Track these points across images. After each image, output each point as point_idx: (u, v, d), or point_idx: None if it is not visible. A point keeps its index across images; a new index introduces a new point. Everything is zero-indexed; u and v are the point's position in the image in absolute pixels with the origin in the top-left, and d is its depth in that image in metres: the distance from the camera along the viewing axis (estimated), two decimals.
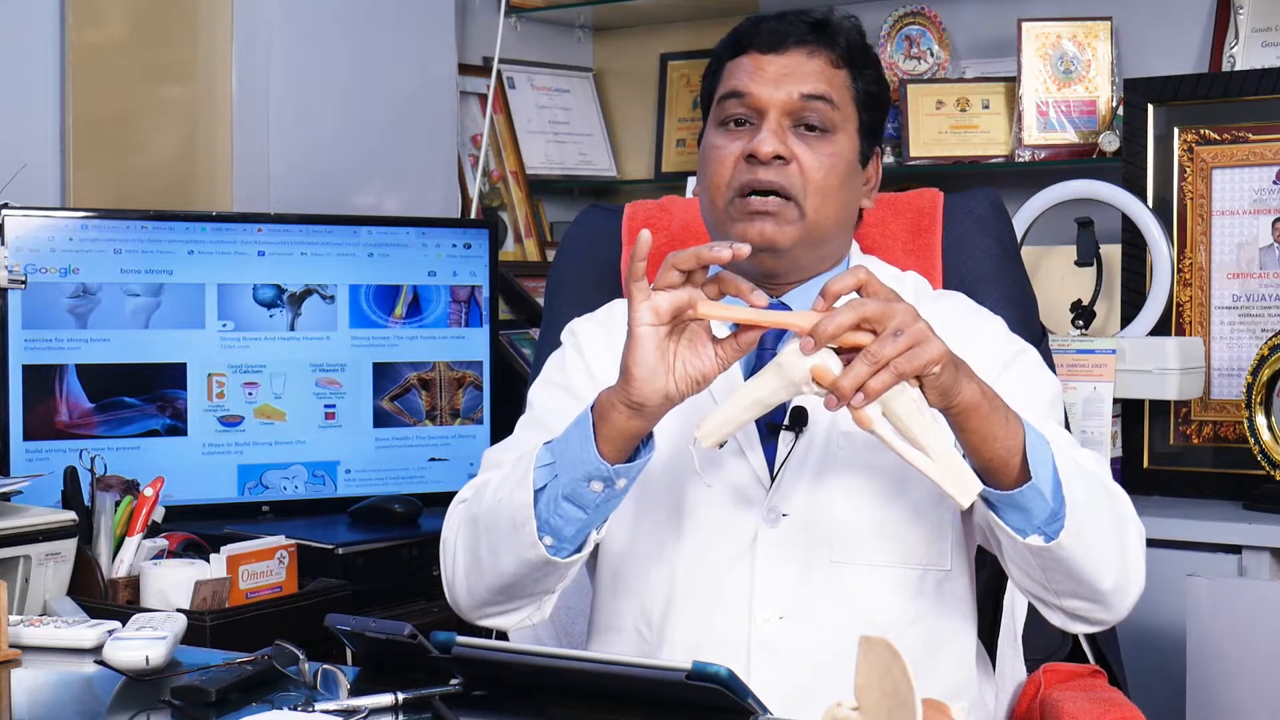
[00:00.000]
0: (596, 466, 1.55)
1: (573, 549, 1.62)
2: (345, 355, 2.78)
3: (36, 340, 2.54)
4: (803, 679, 1.64)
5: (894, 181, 3.17)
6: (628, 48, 3.80)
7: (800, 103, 1.70)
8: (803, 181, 1.69)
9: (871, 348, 1.45)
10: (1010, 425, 1.53)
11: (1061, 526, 1.53)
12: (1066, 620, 1.66)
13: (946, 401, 1.50)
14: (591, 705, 1.41)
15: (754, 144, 1.68)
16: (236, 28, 2.87)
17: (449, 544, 1.73)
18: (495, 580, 1.67)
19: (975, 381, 1.51)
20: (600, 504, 1.58)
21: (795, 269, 1.74)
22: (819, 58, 1.72)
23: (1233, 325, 2.90)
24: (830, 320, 1.46)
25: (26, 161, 2.56)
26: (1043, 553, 1.56)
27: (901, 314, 1.47)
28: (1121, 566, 1.61)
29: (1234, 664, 2.49)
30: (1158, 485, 2.92)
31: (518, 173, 3.55)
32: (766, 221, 1.68)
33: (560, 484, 1.58)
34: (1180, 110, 2.94)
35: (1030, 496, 1.53)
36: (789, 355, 1.48)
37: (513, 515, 1.61)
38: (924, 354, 1.46)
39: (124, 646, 1.56)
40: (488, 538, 1.65)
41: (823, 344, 1.46)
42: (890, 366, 1.45)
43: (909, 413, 1.47)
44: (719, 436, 1.52)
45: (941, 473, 1.48)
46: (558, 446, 1.60)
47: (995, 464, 1.53)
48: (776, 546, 1.68)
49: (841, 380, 1.45)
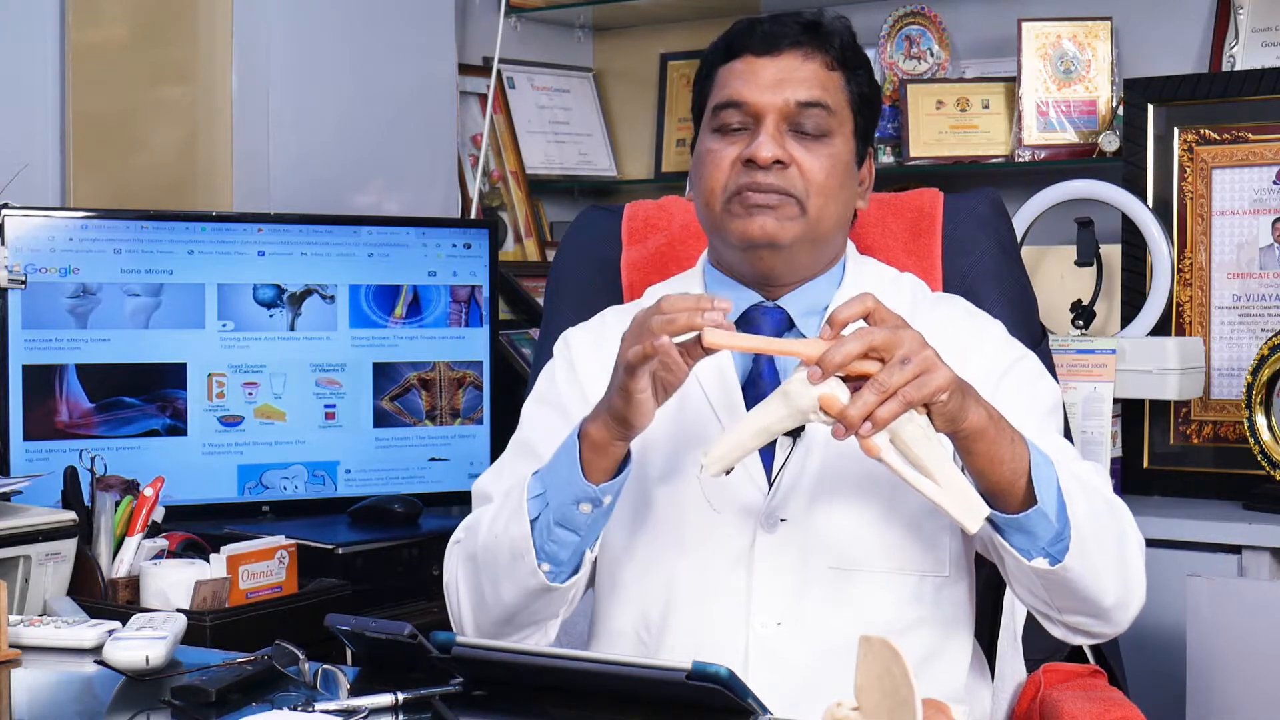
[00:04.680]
0: (584, 490, 1.58)
1: (569, 572, 1.64)
2: (345, 355, 2.78)
3: (36, 340, 2.54)
4: (800, 685, 1.63)
5: (894, 181, 3.17)
6: (628, 48, 3.80)
7: (796, 109, 1.70)
8: (804, 183, 1.68)
9: (879, 376, 1.45)
10: (1016, 448, 1.52)
11: (1066, 548, 1.53)
12: (1068, 634, 1.67)
13: (954, 427, 1.50)
14: (591, 705, 1.41)
15: (752, 149, 1.68)
16: (236, 28, 2.87)
17: (451, 585, 1.76)
18: (500, 613, 1.69)
19: (982, 405, 1.51)
20: (591, 524, 1.61)
21: (793, 268, 1.74)
22: (814, 60, 1.72)
23: (1233, 325, 2.90)
24: (837, 350, 1.45)
25: (26, 161, 2.56)
26: (1047, 575, 1.56)
27: (909, 342, 1.46)
28: (1123, 582, 1.61)
29: (1234, 664, 2.49)
30: (1158, 485, 2.92)
31: (518, 173, 3.55)
32: (768, 216, 1.68)
33: (552, 511, 1.60)
34: (1180, 110, 2.94)
35: (1036, 520, 1.53)
36: (796, 384, 1.48)
37: (511, 547, 1.63)
38: (932, 382, 1.45)
39: (124, 646, 1.56)
40: (488, 572, 1.68)
41: (830, 373, 1.46)
42: (898, 395, 1.44)
43: (917, 440, 1.47)
44: (725, 464, 1.52)
45: (950, 499, 1.48)
46: (546, 476, 1.62)
47: (1001, 487, 1.53)
48: (774, 553, 1.68)
49: (849, 409, 1.45)
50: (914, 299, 1.80)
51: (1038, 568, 1.55)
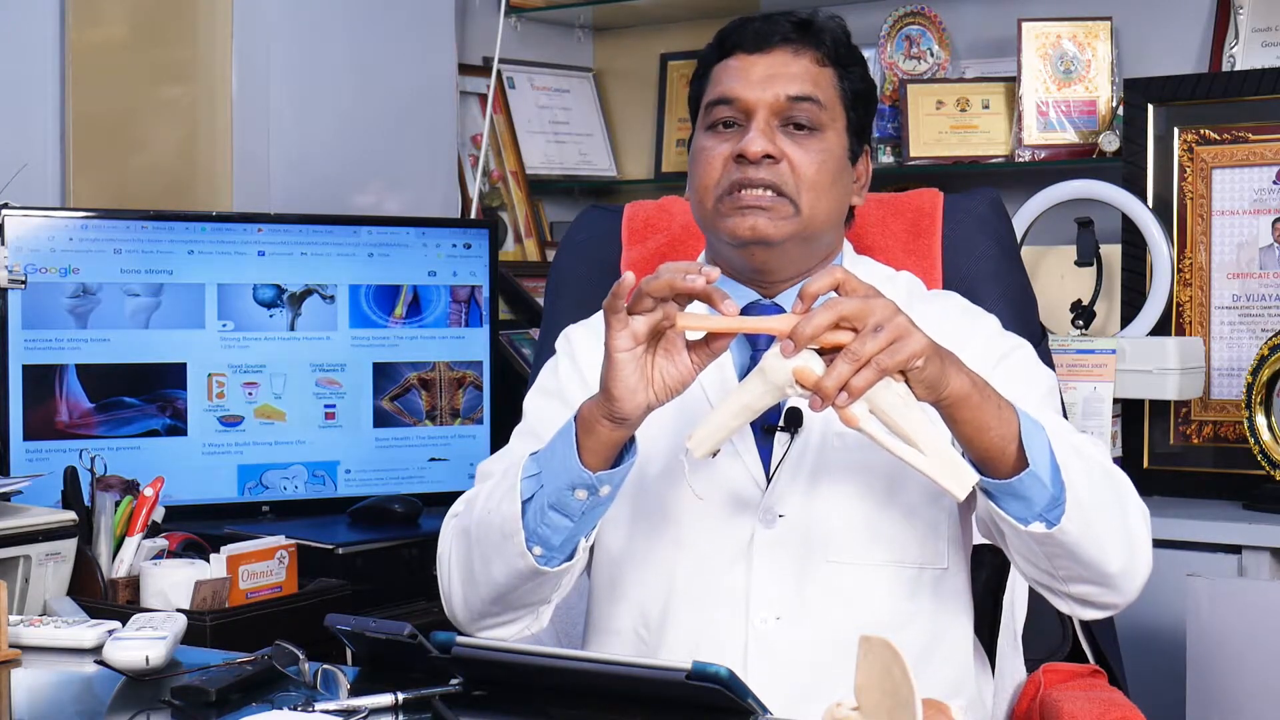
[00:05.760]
0: (580, 475, 1.57)
1: (562, 558, 1.63)
2: (345, 355, 2.78)
3: (36, 340, 2.54)
4: (801, 679, 1.64)
5: (894, 181, 3.17)
6: (628, 48, 3.80)
7: (787, 103, 1.71)
8: (794, 179, 1.69)
9: (852, 345, 1.45)
10: (1003, 413, 1.52)
11: (1063, 512, 1.53)
12: (1076, 606, 1.65)
13: (935, 394, 1.50)
14: (591, 705, 1.41)
15: (743, 144, 1.69)
16: (236, 28, 2.87)
17: (444, 558, 1.75)
18: (489, 591, 1.68)
19: (964, 372, 1.51)
20: (586, 512, 1.59)
21: (787, 265, 1.74)
22: (804, 56, 1.73)
23: (1233, 325, 2.90)
24: (808, 321, 1.46)
25: (26, 161, 2.56)
26: (1046, 540, 1.55)
27: (880, 310, 1.46)
28: (1127, 548, 1.60)
29: (1234, 664, 2.49)
30: (1158, 485, 2.92)
31: (518, 173, 3.55)
32: (759, 215, 1.69)
33: (546, 494, 1.59)
34: (1180, 110, 2.94)
35: (1029, 484, 1.53)
36: (771, 359, 1.48)
37: (502, 526, 1.62)
38: (905, 348, 1.46)
39: (124, 646, 1.56)
40: (479, 550, 1.67)
41: (802, 345, 1.46)
42: (872, 363, 1.45)
43: (896, 408, 1.47)
44: (710, 445, 1.52)
45: (935, 467, 1.48)
46: (543, 457, 1.61)
47: (992, 453, 1.53)
48: (773, 547, 1.69)
49: (824, 380, 1.45)
50: (910, 296, 1.80)
51: (1035, 532, 1.54)
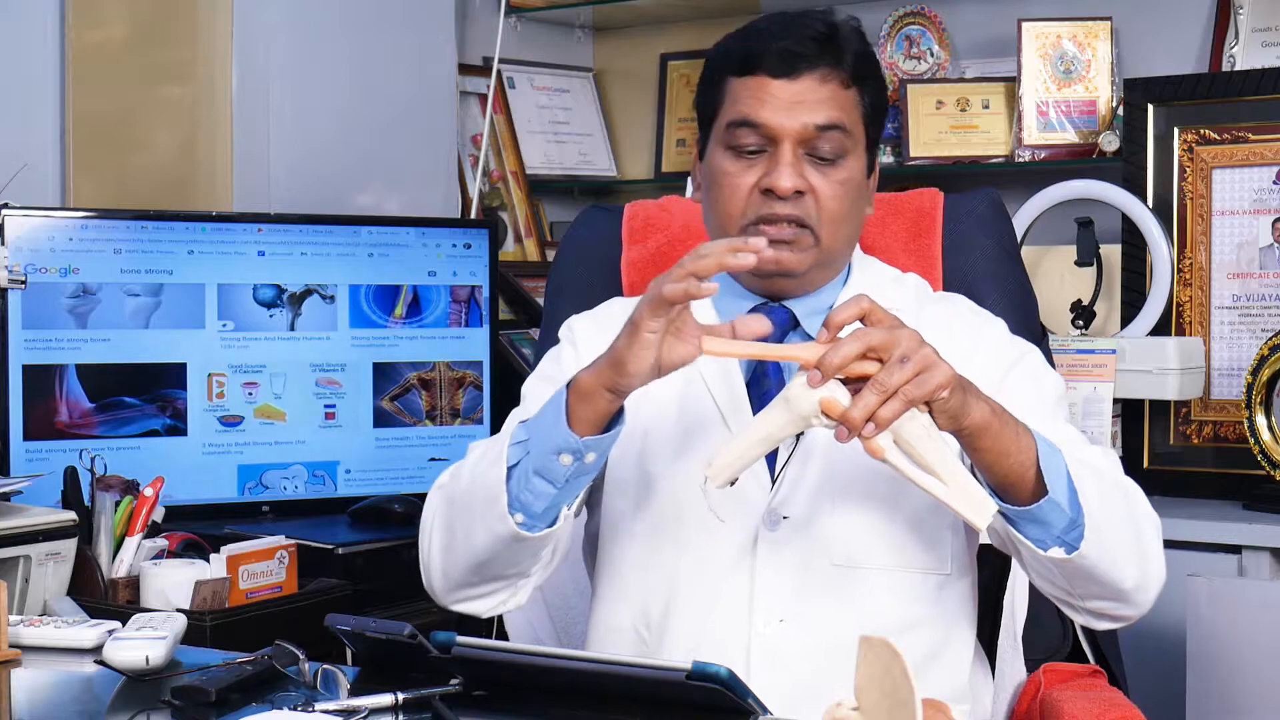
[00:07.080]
0: (566, 439, 1.56)
1: (544, 525, 1.62)
2: (345, 355, 2.78)
3: (36, 340, 2.54)
4: (802, 682, 1.63)
5: (894, 181, 3.17)
6: (628, 48, 3.80)
7: (815, 133, 1.69)
8: (818, 212, 1.69)
9: (879, 376, 1.45)
10: (1022, 440, 1.52)
11: (1081, 535, 1.53)
12: (1092, 619, 1.66)
13: (957, 424, 1.49)
14: (591, 705, 1.41)
15: (771, 179, 1.67)
16: (236, 28, 2.87)
17: (426, 525, 1.74)
18: (468, 559, 1.67)
19: (984, 401, 1.51)
20: (570, 478, 1.59)
21: (803, 287, 1.75)
22: (831, 82, 1.70)
23: (1233, 325, 2.90)
24: (836, 352, 1.45)
25: (26, 161, 2.56)
26: (1065, 564, 1.56)
27: (906, 340, 1.46)
28: (1141, 564, 1.61)
29: (1234, 664, 2.49)
30: (1158, 485, 2.91)
31: (518, 173, 3.55)
32: (783, 250, 1.68)
33: (532, 459, 1.59)
34: (1180, 110, 2.94)
35: (1048, 510, 1.53)
36: (796, 389, 1.48)
37: (486, 491, 1.61)
38: (932, 379, 1.45)
39: (124, 646, 1.56)
40: (463, 516, 1.66)
41: (829, 376, 1.46)
42: (899, 394, 1.44)
43: (920, 439, 1.47)
44: (729, 475, 1.52)
45: (956, 497, 1.48)
46: (533, 424, 1.61)
47: (1010, 480, 1.53)
48: (777, 550, 1.68)
49: (851, 411, 1.45)
50: (918, 298, 1.80)
51: (1054, 558, 1.55)
